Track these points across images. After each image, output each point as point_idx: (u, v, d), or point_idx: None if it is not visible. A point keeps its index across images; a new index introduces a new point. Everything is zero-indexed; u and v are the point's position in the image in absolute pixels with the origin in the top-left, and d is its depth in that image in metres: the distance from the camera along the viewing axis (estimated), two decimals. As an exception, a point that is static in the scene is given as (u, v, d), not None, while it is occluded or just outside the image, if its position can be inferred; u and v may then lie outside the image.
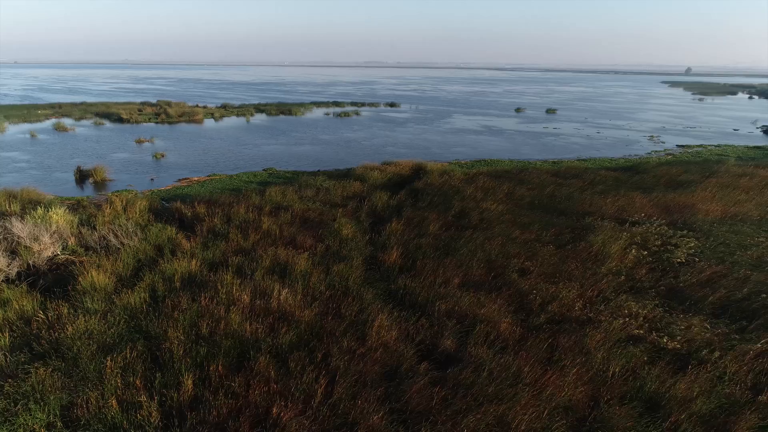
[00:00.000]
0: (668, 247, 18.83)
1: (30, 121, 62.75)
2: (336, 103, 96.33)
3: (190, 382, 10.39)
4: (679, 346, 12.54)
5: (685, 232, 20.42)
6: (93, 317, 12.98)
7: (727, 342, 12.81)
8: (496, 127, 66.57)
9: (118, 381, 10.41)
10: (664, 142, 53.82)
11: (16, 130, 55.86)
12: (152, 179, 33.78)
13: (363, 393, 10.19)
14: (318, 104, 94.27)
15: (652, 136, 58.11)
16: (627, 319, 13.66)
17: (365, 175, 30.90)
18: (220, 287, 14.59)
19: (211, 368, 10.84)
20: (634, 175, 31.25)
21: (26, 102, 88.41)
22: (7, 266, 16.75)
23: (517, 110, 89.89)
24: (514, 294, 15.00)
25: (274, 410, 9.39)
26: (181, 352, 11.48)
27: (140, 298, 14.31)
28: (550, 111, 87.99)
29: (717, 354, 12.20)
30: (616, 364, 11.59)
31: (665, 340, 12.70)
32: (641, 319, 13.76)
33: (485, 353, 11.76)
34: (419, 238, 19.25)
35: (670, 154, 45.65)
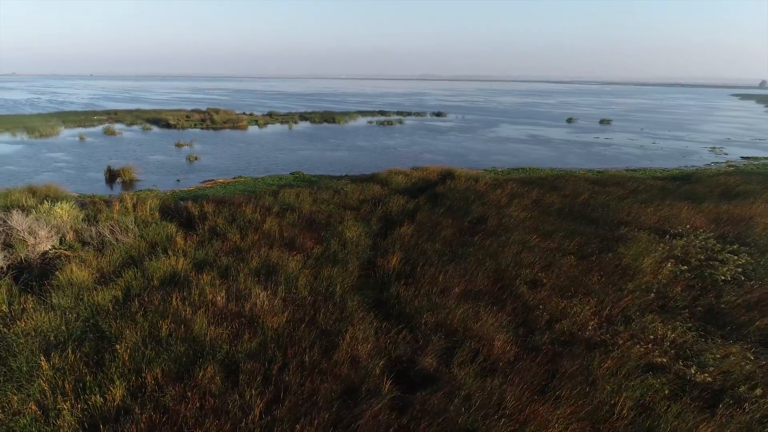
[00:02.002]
0: (712, 262, 16.30)
1: (84, 126, 65.30)
2: (381, 112, 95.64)
3: (119, 390, 9.21)
4: (710, 379, 10.31)
5: (735, 246, 17.74)
6: (53, 313, 12.20)
7: (773, 377, 10.45)
8: (543, 136, 63.63)
9: (44, 384, 9.37)
10: (727, 154, 49.53)
11: (68, 133, 58.13)
12: (178, 180, 33.67)
13: (310, 414, 8.68)
14: (363, 113, 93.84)
15: (714, 148, 53.71)
16: (649, 345, 11.49)
17: (389, 179, 29.47)
18: (194, 288, 13.52)
19: (148, 376, 9.63)
20: (683, 185, 28.20)
21: (87, 109, 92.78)
22: (-4, 258, 16.39)
23: (569, 120, 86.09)
24: (519, 308, 13.10)
25: None
26: (126, 355, 10.38)
27: (111, 295, 13.43)
28: (604, 121, 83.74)
29: (759, 391, 9.90)
30: (628, 398, 9.54)
31: (693, 371, 10.49)
32: (667, 343, 11.56)
33: (467, 375, 9.99)
34: (426, 243, 17.59)
35: (732, 166, 41.71)
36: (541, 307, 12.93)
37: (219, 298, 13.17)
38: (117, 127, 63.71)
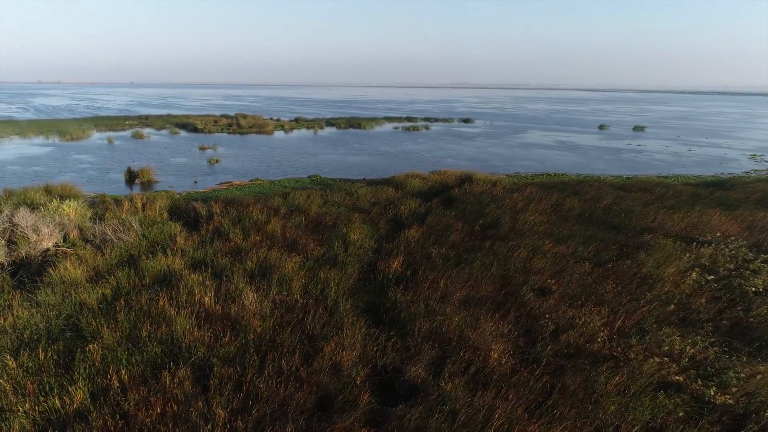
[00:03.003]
0: (743, 271, 14.94)
1: (115, 130, 66.76)
2: (408, 118, 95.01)
3: (80, 392, 8.68)
4: (732, 401, 9.14)
5: (771, 255, 16.29)
6: (34, 310, 11.87)
7: (807, 401, 9.21)
8: (572, 142, 61.85)
9: (6, 384, 8.91)
10: (768, 161, 47.07)
11: (98, 136, 59.40)
12: (195, 182, 33.69)
13: (275, 426, 7.97)
14: (390, 119, 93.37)
15: (754, 155, 51.13)
16: (665, 358, 10.38)
17: (405, 182, 28.70)
18: (182, 288, 13.01)
19: (113, 378, 9.08)
20: (716, 191, 26.52)
21: (121, 114, 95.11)
22: (-4, 255, 16.29)
23: (601, 127, 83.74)
24: (524, 316, 12.12)
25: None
26: (97, 356, 9.87)
27: (99, 293, 13.04)
28: (637, 128, 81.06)
29: (789, 417, 8.72)
30: (635, 420, 8.50)
31: (713, 392, 9.34)
32: (685, 359, 10.41)
33: (456, 388, 9.10)
34: (432, 247, 16.73)
35: (773, 173, 39.43)
36: (547, 316, 11.93)
37: (207, 299, 12.62)
38: (146, 131, 64.85)
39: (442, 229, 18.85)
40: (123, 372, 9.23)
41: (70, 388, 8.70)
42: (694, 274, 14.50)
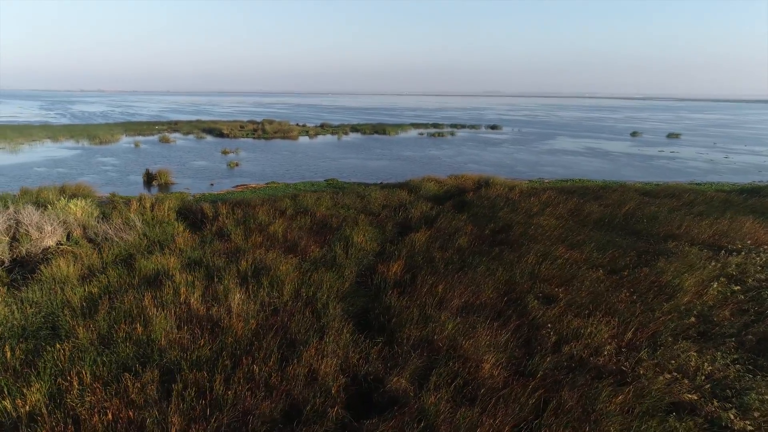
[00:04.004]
0: (775, 283, 13.65)
1: (143, 135, 67.89)
2: (435, 125, 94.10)
3: (36, 395, 8.20)
4: (751, 427, 8.06)
5: (807, 266, 14.90)
6: (15, 307, 11.58)
7: (841, 429, 8.06)
8: (602, 149, 59.93)
9: (-37, 382, 8.54)
10: (811, 169, 44.44)
11: (127, 140, 60.48)
12: (212, 184, 33.61)
13: (233, 437, 7.31)
14: (416, 125, 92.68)
15: (797, 163, 48.49)
16: (677, 374, 9.32)
17: (420, 186, 27.92)
18: (167, 288, 12.56)
19: (74, 380, 8.58)
20: (750, 198, 24.87)
21: (152, 120, 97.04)
22: (-2, 252, 16.22)
23: (633, 134, 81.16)
24: (525, 325, 11.19)
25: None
26: (65, 357, 9.42)
27: (87, 291, 12.71)
28: (672, 135, 78.25)
29: (818, 447, 7.60)
30: (638, 443, 7.54)
31: (731, 415, 8.27)
32: (701, 377, 9.33)
33: (438, 402, 8.28)
34: (437, 251, 15.91)
35: (816, 182, 37.09)
36: (549, 325, 10.97)
37: (193, 300, 12.13)
38: (173, 135, 65.80)
39: (450, 233, 18.00)
40: (86, 374, 8.74)
41: (24, 390, 8.24)
42: (716, 285, 13.27)
